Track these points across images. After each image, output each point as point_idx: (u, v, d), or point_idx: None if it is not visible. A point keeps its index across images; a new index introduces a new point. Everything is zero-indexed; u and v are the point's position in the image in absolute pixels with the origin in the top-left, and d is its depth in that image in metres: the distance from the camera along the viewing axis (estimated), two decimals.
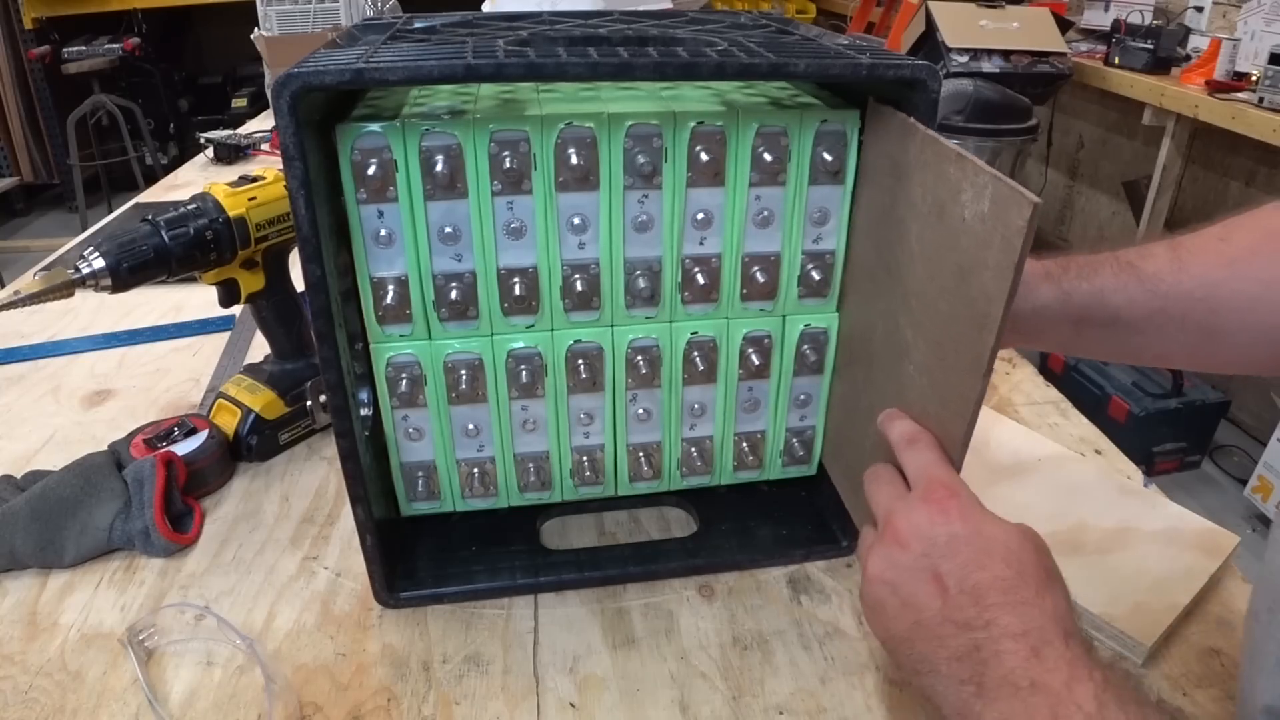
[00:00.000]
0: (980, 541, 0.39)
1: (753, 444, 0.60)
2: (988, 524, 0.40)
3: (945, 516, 0.40)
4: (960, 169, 0.41)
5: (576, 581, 0.57)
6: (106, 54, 3.71)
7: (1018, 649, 0.35)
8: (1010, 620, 0.36)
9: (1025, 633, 0.35)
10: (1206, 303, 0.49)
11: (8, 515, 0.58)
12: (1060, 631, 0.35)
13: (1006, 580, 0.37)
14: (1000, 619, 0.36)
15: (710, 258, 0.52)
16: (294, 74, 0.40)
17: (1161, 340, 0.51)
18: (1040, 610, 0.36)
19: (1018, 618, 0.36)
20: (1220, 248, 0.49)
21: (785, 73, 0.44)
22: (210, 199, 0.63)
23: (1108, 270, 0.51)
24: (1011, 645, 0.35)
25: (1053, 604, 0.37)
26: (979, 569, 0.38)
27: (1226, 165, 2.42)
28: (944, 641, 0.37)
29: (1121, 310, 0.50)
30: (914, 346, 0.46)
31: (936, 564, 0.39)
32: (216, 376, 0.84)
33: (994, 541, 0.39)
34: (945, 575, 0.38)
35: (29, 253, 3.44)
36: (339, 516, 0.64)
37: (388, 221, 0.48)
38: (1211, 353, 0.51)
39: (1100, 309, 0.50)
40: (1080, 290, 0.51)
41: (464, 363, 0.52)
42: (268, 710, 0.47)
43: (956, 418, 0.42)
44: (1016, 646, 0.35)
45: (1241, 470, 2.08)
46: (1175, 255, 0.50)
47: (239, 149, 1.60)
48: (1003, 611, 0.36)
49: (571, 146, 0.47)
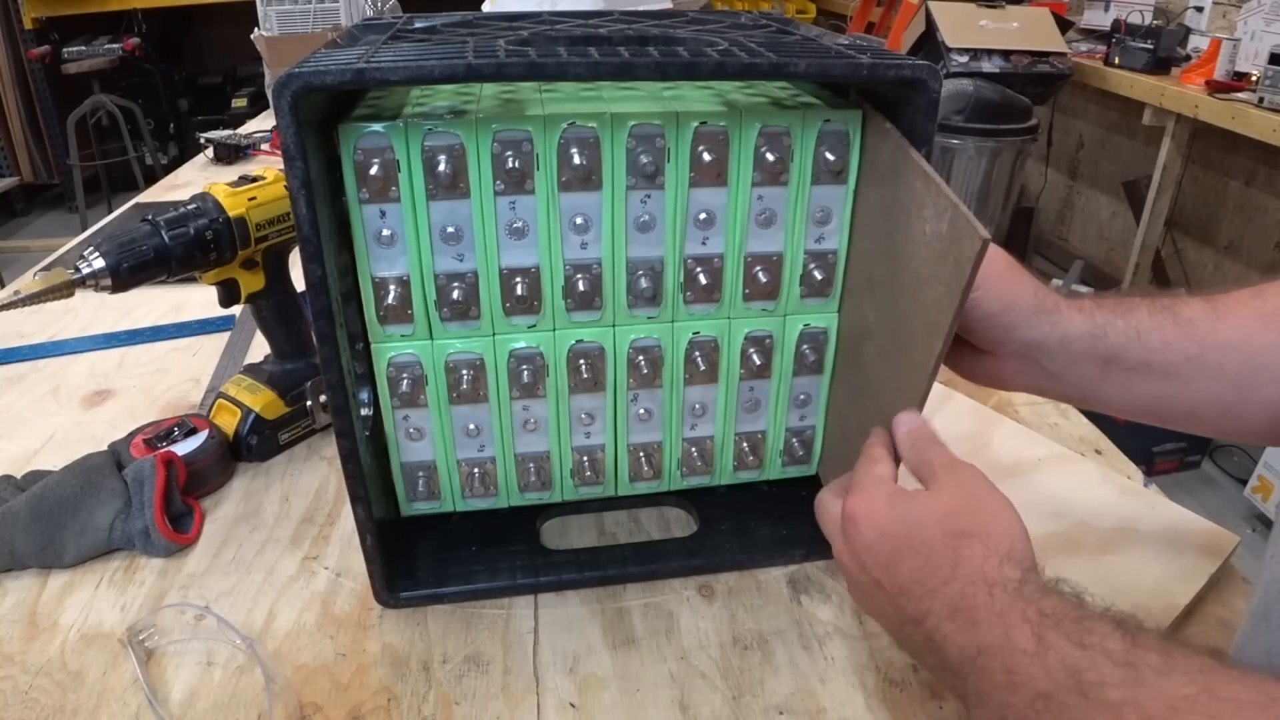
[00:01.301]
0: (887, 543, 0.41)
1: (753, 444, 0.60)
2: (886, 520, 0.41)
3: (858, 528, 0.42)
4: (925, 186, 0.43)
5: (576, 581, 0.57)
6: (106, 54, 3.71)
7: (955, 627, 0.37)
8: (938, 605, 0.38)
9: (955, 610, 0.37)
10: (1243, 353, 0.47)
11: (8, 515, 0.58)
12: (984, 588, 0.37)
13: (920, 569, 0.39)
14: (932, 607, 0.38)
15: (713, 257, 0.52)
16: (295, 74, 0.40)
17: (1194, 391, 0.48)
18: (957, 581, 0.37)
19: (942, 601, 0.38)
20: (1255, 303, 0.48)
21: (786, 73, 0.44)
22: (210, 199, 0.63)
23: (1143, 310, 0.49)
24: (950, 627, 0.37)
25: (968, 566, 0.38)
26: (897, 566, 0.40)
27: (1226, 165, 2.42)
28: (911, 638, 0.40)
29: (1157, 352, 0.48)
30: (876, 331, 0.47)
31: (873, 575, 0.41)
32: (216, 376, 0.84)
33: (899, 535, 0.40)
34: (881, 580, 0.41)
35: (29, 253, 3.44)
36: (339, 516, 0.64)
37: (390, 221, 0.48)
38: (1241, 413, 0.48)
39: (1134, 347, 0.48)
40: (1115, 326, 0.48)
41: (465, 363, 0.52)
42: (268, 710, 0.47)
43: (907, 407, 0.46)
44: (954, 626, 0.37)
45: (1241, 470, 2.08)
46: (1211, 305, 0.48)
47: (239, 149, 1.60)
48: (930, 600, 0.38)
49: (574, 146, 0.47)
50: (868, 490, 0.43)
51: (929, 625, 0.38)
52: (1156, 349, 0.48)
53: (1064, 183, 3.21)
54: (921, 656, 0.41)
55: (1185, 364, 0.48)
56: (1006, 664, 0.34)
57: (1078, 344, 0.49)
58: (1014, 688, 0.34)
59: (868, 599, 0.43)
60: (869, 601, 0.43)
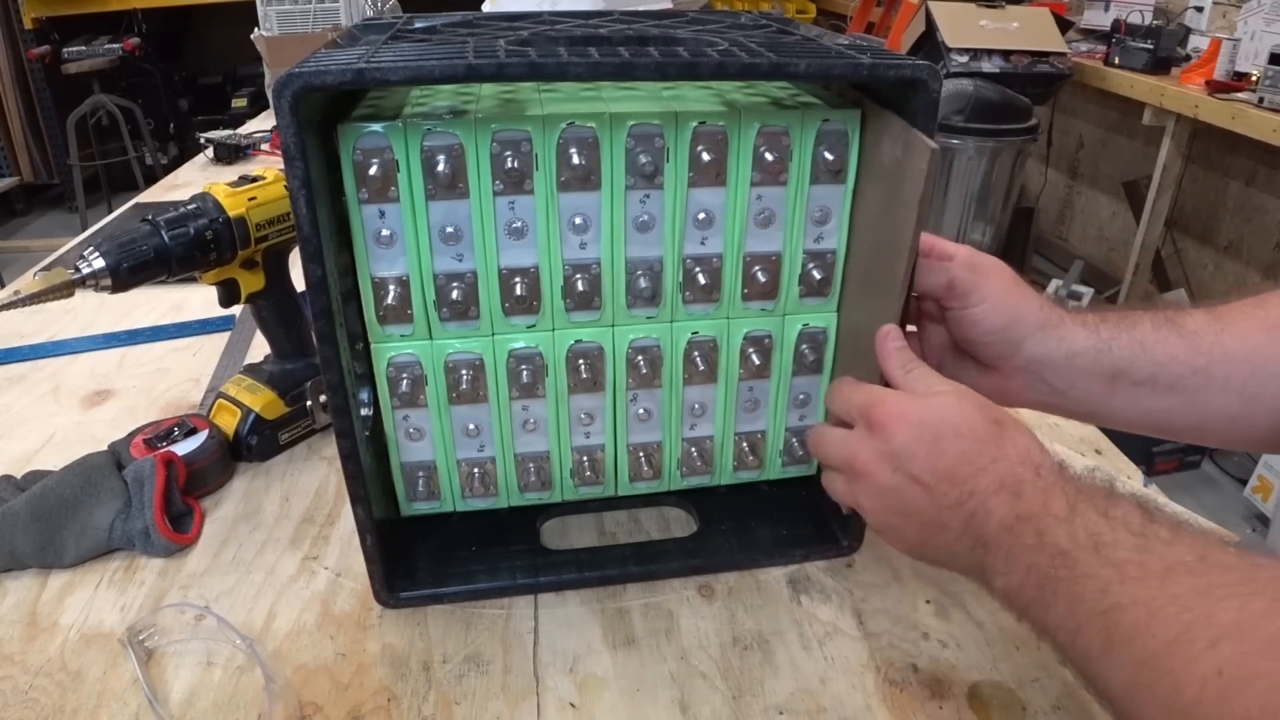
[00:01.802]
0: (927, 434, 0.42)
1: (753, 444, 0.60)
2: (923, 413, 0.43)
3: (886, 431, 0.43)
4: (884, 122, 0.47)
5: (576, 581, 0.57)
6: (106, 54, 3.71)
7: (1001, 500, 0.39)
8: (986, 481, 0.40)
9: (1001, 485, 0.39)
10: (1249, 365, 0.47)
11: (8, 515, 0.58)
12: (1031, 468, 0.39)
13: (967, 452, 0.41)
14: (979, 484, 0.40)
15: (712, 257, 0.52)
16: (295, 74, 0.40)
17: (1201, 404, 0.48)
18: (1006, 460, 0.40)
19: (991, 477, 0.40)
20: (1258, 314, 0.48)
21: (786, 73, 0.44)
22: (210, 199, 0.63)
23: (1147, 323, 0.49)
24: (995, 500, 0.39)
25: (1014, 449, 0.40)
26: (941, 455, 0.41)
27: (1226, 165, 2.42)
28: (947, 525, 0.41)
29: (1163, 365, 0.48)
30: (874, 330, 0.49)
31: (908, 470, 0.42)
32: (216, 376, 0.84)
33: (940, 426, 0.42)
34: (919, 475, 0.42)
35: (29, 253, 3.45)
36: (339, 516, 0.64)
37: (389, 221, 0.48)
38: (1248, 423, 0.48)
39: (1140, 361, 0.48)
40: (1119, 341, 0.49)
41: (465, 363, 0.52)
42: (268, 710, 0.47)
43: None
44: (999, 499, 0.39)
45: (1241, 470, 2.08)
46: (1214, 317, 0.49)
47: (239, 149, 1.60)
48: (979, 478, 0.40)
49: (573, 146, 0.47)
50: (888, 398, 0.44)
51: (973, 504, 0.40)
52: (1162, 363, 0.48)
53: (1064, 183, 3.21)
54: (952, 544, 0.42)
55: (1192, 377, 0.48)
56: (1039, 527, 0.37)
57: (1083, 359, 0.49)
58: (1041, 547, 0.37)
59: (896, 501, 0.43)
60: (897, 502, 0.43)
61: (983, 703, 0.48)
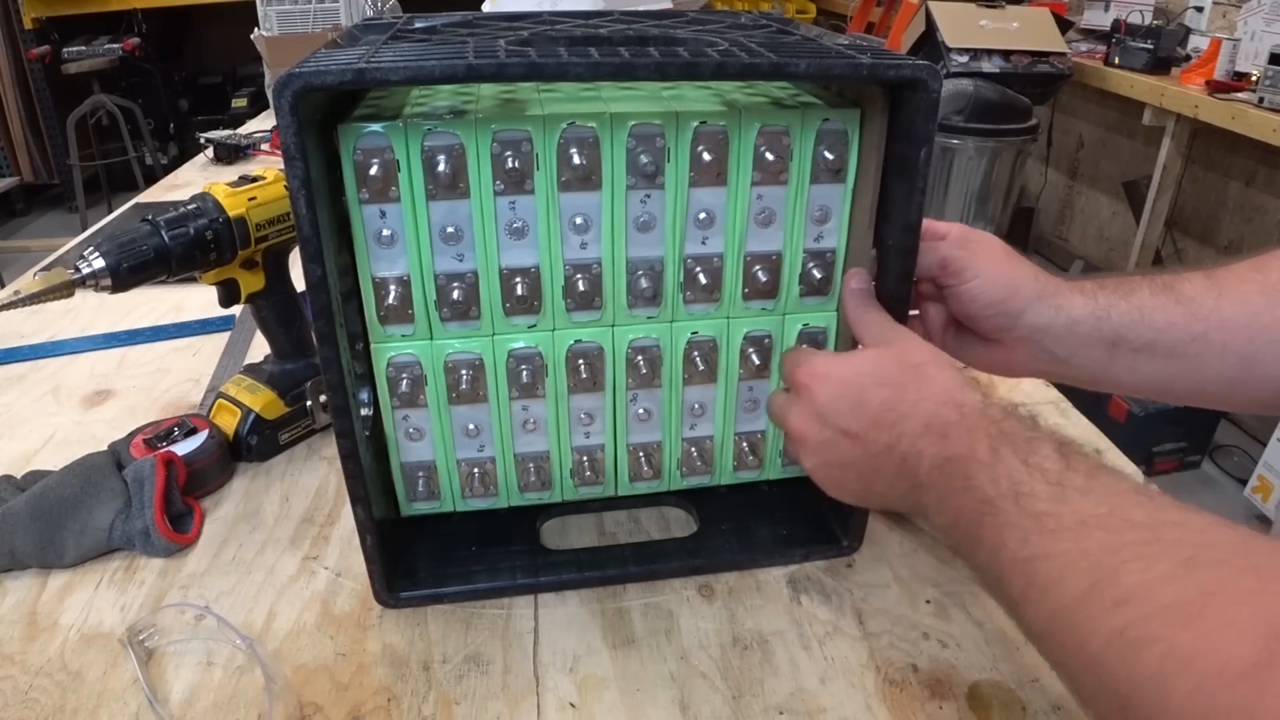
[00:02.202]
0: (849, 389, 0.44)
1: (753, 444, 0.60)
2: (843, 370, 0.45)
3: (810, 393, 0.46)
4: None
5: (576, 581, 0.57)
6: (106, 54, 3.71)
7: (929, 441, 0.41)
8: (912, 425, 0.42)
9: (928, 426, 0.41)
10: (1248, 330, 0.47)
11: (8, 515, 0.58)
12: (954, 407, 0.41)
13: (889, 398, 0.43)
14: (905, 429, 0.42)
15: (712, 257, 0.52)
16: (295, 74, 0.40)
17: (1200, 369, 0.49)
18: (928, 401, 0.42)
19: (916, 420, 0.42)
20: (1256, 277, 0.48)
21: (786, 73, 0.44)
22: (210, 199, 0.63)
23: (1145, 290, 0.50)
24: (923, 442, 0.41)
25: (935, 389, 0.42)
26: (865, 405, 0.43)
27: (1226, 165, 2.42)
28: (882, 471, 0.44)
29: (1161, 332, 0.49)
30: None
31: (836, 424, 0.45)
32: (216, 376, 0.84)
33: (859, 379, 0.44)
34: (847, 428, 0.44)
35: (29, 253, 3.45)
36: (339, 516, 0.64)
37: (390, 221, 0.48)
38: (1247, 388, 0.49)
39: (1139, 329, 0.49)
40: (1118, 308, 0.49)
41: (465, 363, 0.52)
42: (268, 710, 0.47)
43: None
44: (927, 441, 0.41)
45: (1241, 470, 2.08)
46: (1212, 281, 0.49)
47: (239, 149, 1.60)
48: (903, 423, 0.42)
49: (574, 146, 0.47)
50: (812, 358, 0.47)
51: (903, 447, 0.42)
52: (1161, 329, 0.49)
53: (1064, 183, 3.21)
54: (890, 487, 0.44)
55: (1190, 343, 0.48)
56: (965, 471, 0.39)
57: (1082, 326, 0.50)
58: (967, 491, 0.39)
59: (832, 455, 0.45)
60: (833, 456, 0.45)
61: (983, 703, 0.48)
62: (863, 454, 0.44)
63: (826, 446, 0.45)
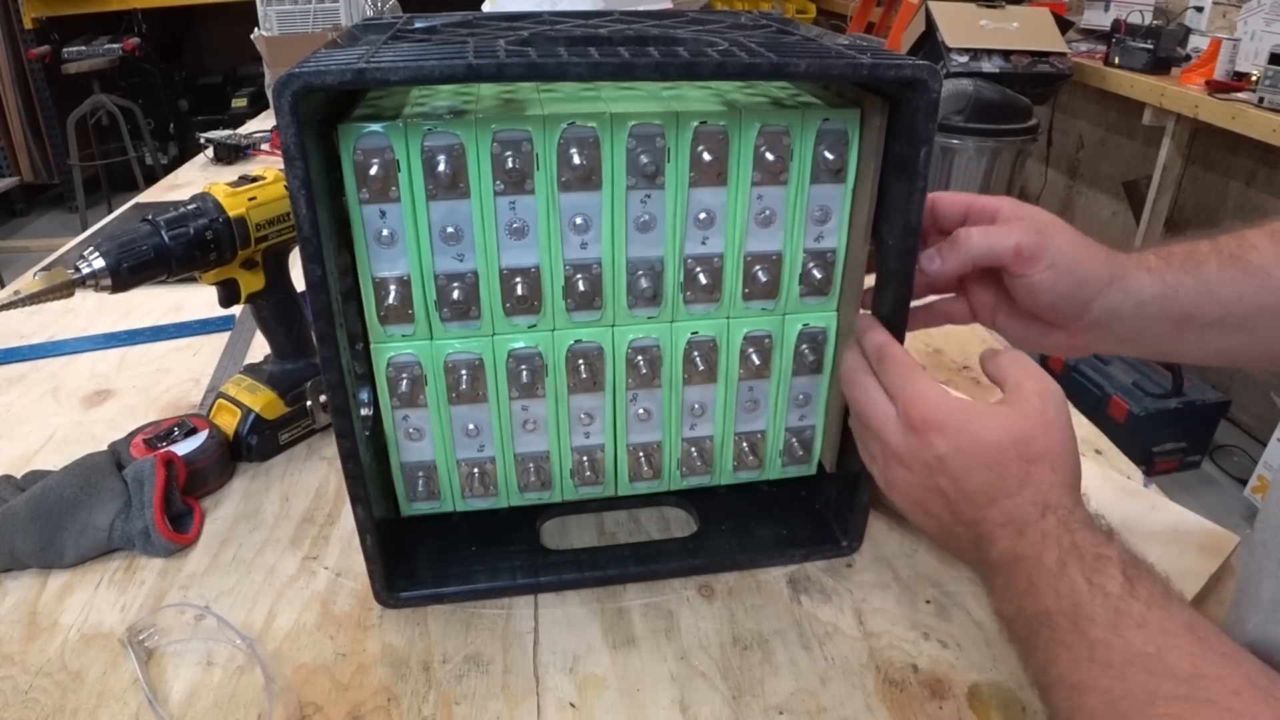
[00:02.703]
0: (962, 457, 0.43)
1: (753, 444, 0.60)
2: (966, 436, 0.44)
3: (928, 439, 0.44)
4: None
5: (576, 581, 0.57)
6: (106, 54, 3.71)
7: (1005, 533, 0.42)
8: (997, 513, 0.42)
9: (1009, 521, 0.42)
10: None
11: (8, 515, 0.58)
12: (1039, 509, 0.41)
13: (989, 483, 0.43)
14: (990, 513, 0.42)
15: (712, 257, 0.52)
16: (295, 74, 0.40)
17: (1268, 338, 0.49)
18: (1020, 499, 0.42)
19: (1002, 511, 0.42)
20: None
21: (786, 73, 0.44)
22: (210, 199, 0.63)
23: (1212, 263, 0.49)
24: (1000, 532, 0.42)
25: (1032, 489, 0.42)
26: (967, 479, 0.43)
27: (1226, 165, 2.42)
28: (959, 537, 0.45)
29: (1231, 306, 0.48)
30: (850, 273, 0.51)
31: (937, 481, 0.44)
32: (216, 376, 0.84)
33: (975, 453, 0.43)
34: (945, 489, 0.44)
35: (29, 253, 3.45)
36: (339, 516, 0.64)
37: (390, 221, 0.48)
38: None
39: (1207, 305, 0.48)
40: (1185, 285, 0.49)
41: (464, 363, 0.52)
42: (268, 710, 0.47)
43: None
44: (1004, 532, 0.42)
45: (1241, 470, 2.08)
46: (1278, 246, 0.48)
47: (239, 149, 1.60)
48: (991, 509, 0.42)
49: (574, 146, 0.47)
50: (933, 402, 0.44)
51: (982, 529, 0.43)
52: (1230, 303, 0.48)
53: (1064, 183, 3.21)
54: (961, 552, 0.46)
55: (1260, 315, 0.48)
56: (1031, 575, 0.40)
57: (1150, 307, 0.49)
58: (1030, 596, 0.40)
59: (920, 498, 0.46)
60: (921, 499, 0.46)
61: (983, 703, 0.48)
62: (947, 515, 0.45)
63: (919, 489, 0.45)
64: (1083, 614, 0.37)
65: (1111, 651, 0.36)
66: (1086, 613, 0.37)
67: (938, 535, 0.47)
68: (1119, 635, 0.36)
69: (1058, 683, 0.38)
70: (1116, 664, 0.35)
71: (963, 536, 0.44)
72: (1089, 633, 0.37)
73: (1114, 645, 0.36)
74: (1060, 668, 0.38)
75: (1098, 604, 0.37)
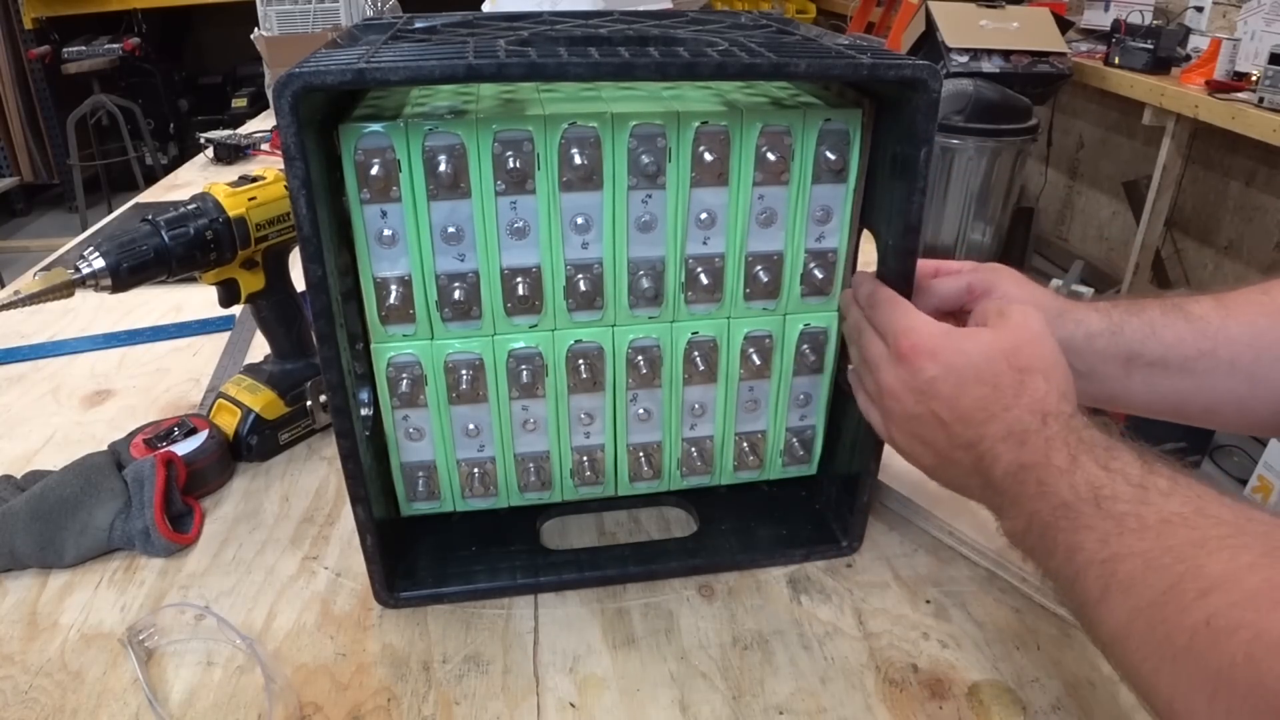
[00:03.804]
0: (953, 376, 0.44)
1: (753, 444, 0.60)
2: (953, 354, 0.44)
3: (916, 365, 0.45)
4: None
5: (576, 581, 0.57)
6: (106, 54, 3.71)
7: (1007, 447, 0.42)
8: (996, 428, 0.42)
9: (1009, 433, 0.42)
10: (1253, 348, 0.49)
11: (8, 515, 0.58)
12: (1039, 417, 0.41)
13: (985, 398, 0.43)
14: (989, 430, 0.42)
15: (714, 257, 0.52)
16: (296, 74, 0.40)
17: (1210, 385, 0.50)
18: (1018, 409, 0.42)
19: (1001, 424, 0.42)
20: (1262, 299, 0.50)
21: (786, 73, 0.44)
22: (210, 199, 0.63)
23: (1155, 308, 0.51)
24: (1002, 447, 0.42)
25: (1029, 398, 0.42)
26: (961, 397, 0.43)
27: (1226, 165, 2.42)
28: (960, 462, 0.44)
29: (1171, 347, 0.50)
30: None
31: (930, 406, 0.45)
32: (216, 376, 0.84)
33: (965, 369, 0.44)
34: (939, 412, 0.44)
35: (29, 253, 3.45)
36: (339, 516, 0.64)
37: (391, 221, 0.48)
38: (1255, 408, 0.50)
39: (1150, 343, 0.50)
40: (1130, 324, 0.51)
41: (465, 363, 0.52)
42: (268, 710, 0.47)
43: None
44: (1006, 446, 0.42)
45: (1241, 470, 2.07)
46: (1220, 302, 0.51)
47: (239, 149, 1.60)
48: (989, 424, 0.42)
49: (575, 146, 0.47)
50: (921, 331, 0.45)
51: (982, 447, 0.42)
52: (1171, 344, 0.50)
53: (1064, 183, 3.21)
54: (963, 479, 0.45)
55: (1200, 359, 0.50)
56: (1041, 477, 0.39)
57: (1100, 340, 0.51)
58: (1043, 497, 0.39)
59: (917, 430, 0.46)
60: (917, 431, 0.46)
61: (983, 703, 0.48)
62: (945, 441, 0.45)
63: (914, 421, 0.46)
64: (1104, 495, 0.36)
65: (1144, 519, 0.34)
66: (1108, 493, 0.36)
67: (938, 467, 0.46)
68: (1148, 505, 0.35)
69: (1084, 569, 0.36)
70: (1152, 526, 0.34)
71: (963, 461, 0.44)
72: (1114, 509, 0.35)
73: (1144, 514, 0.35)
74: (1086, 552, 0.36)
75: (1119, 484, 0.36)
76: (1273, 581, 0.29)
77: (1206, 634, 0.30)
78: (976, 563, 0.59)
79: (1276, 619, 0.28)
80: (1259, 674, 0.28)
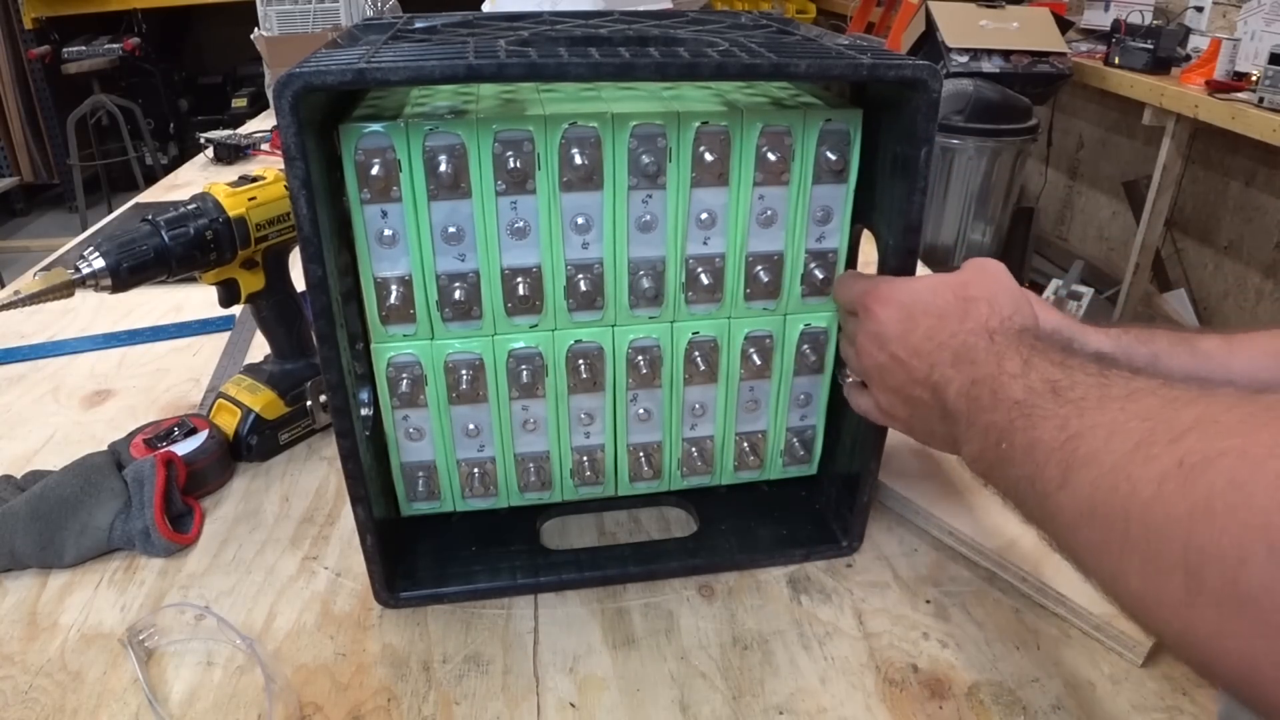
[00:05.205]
0: (902, 313, 0.45)
1: (753, 444, 0.60)
2: (903, 295, 0.46)
3: (871, 314, 0.47)
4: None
5: (576, 581, 0.57)
6: (106, 54, 3.71)
7: (958, 370, 0.41)
8: (945, 354, 0.42)
9: (957, 357, 0.42)
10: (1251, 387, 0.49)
11: (8, 515, 0.58)
12: (985, 336, 0.41)
13: (932, 328, 0.43)
14: (939, 358, 0.43)
15: (714, 257, 0.52)
16: (296, 74, 0.40)
17: None
18: (963, 333, 0.42)
19: (948, 350, 0.42)
20: (1269, 343, 0.50)
21: (786, 73, 0.44)
22: (210, 199, 0.63)
23: (1164, 340, 0.51)
24: (952, 371, 0.42)
25: (973, 322, 0.42)
26: (912, 333, 0.44)
27: (1226, 165, 2.42)
28: (920, 400, 0.45)
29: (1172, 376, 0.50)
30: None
31: (889, 349, 0.46)
32: (216, 376, 0.84)
33: (913, 305, 0.45)
34: (896, 353, 0.45)
35: (29, 253, 3.44)
36: (339, 516, 0.64)
37: (391, 221, 0.48)
38: None
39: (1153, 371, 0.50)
40: (1137, 352, 0.50)
41: (465, 363, 0.52)
42: (268, 710, 0.47)
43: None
44: (955, 370, 0.42)
45: None
46: (1227, 341, 0.51)
47: (239, 149, 1.60)
48: (938, 352, 0.43)
49: (575, 146, 0.47)
50: (879, 284, 0.48)
51: (935, 376, 0.43)
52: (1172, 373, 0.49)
53: (1064, 183, 3.21)
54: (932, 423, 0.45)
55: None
56: (993, 387, 0.39)
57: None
58: (996, 405, 0.38)
59: (885, 379, 0.47)
60: (886, 380, 0.47)
61: (983, 703, 0.48)
62: (906, 380, 0.45)
63: (883, 371, 0.46)
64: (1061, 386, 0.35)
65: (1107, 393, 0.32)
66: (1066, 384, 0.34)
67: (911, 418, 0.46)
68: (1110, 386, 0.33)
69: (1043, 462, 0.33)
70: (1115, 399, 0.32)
71: (924, 399, 0.44)
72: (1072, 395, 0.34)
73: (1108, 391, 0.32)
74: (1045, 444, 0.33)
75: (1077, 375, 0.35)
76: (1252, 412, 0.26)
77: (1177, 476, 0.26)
78: (976, 563, 0.59)
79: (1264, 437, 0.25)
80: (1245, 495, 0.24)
